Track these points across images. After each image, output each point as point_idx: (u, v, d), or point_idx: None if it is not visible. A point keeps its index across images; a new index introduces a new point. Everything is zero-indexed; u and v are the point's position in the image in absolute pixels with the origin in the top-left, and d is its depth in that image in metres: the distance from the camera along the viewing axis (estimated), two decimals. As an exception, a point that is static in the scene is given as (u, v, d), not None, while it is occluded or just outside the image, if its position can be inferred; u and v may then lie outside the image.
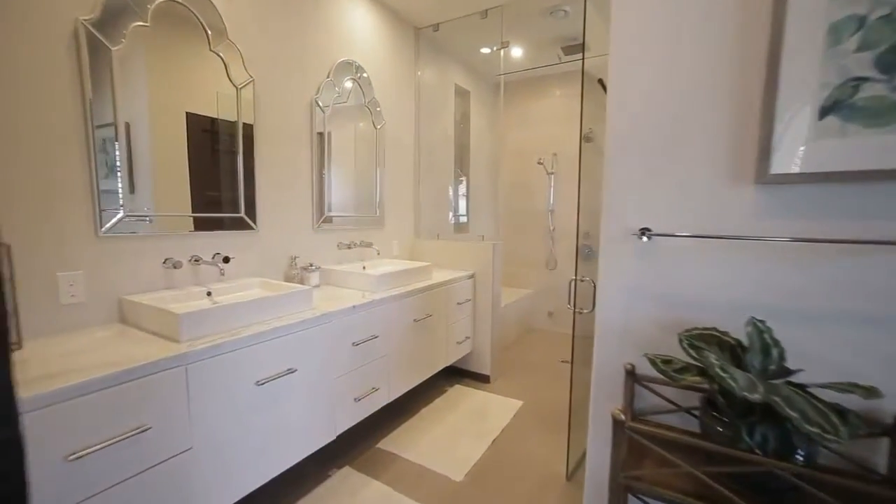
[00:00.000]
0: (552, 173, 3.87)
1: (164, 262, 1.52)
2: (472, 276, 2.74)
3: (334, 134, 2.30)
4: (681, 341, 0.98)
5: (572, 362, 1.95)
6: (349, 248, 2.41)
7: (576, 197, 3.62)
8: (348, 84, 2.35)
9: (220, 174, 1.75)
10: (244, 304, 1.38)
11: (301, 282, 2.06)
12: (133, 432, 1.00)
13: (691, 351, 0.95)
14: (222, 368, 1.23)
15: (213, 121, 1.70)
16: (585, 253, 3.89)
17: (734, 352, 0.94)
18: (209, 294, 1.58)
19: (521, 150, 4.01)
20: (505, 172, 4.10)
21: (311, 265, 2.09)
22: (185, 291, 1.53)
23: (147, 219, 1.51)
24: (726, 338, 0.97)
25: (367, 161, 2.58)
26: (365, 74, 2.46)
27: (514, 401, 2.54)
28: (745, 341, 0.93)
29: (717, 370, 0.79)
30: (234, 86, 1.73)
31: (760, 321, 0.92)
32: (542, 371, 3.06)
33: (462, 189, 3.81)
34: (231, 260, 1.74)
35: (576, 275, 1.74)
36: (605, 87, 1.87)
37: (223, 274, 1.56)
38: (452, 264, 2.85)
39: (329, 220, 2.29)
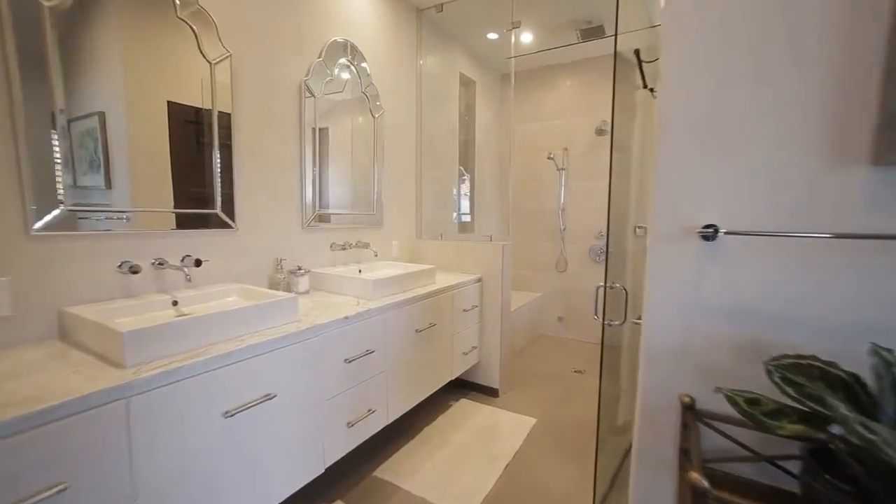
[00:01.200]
0: (562, 169, 3.63)
1: (119, 267, 1.28)
2: (479, 280, 2.50)
3: (327, 122, 2.07)
4: (769, 373, 0.74)
5: (600, 376, 1.70)
6: (343, 249, 2.17)
7: (589, 195, 3.38)
8: (343, 67, 2.11)
9: (204, 168, 1.52)
10: (212, 318, 1.14)
11: (288, 287, 1.82)
12: (40, 496, 0.76)
13: (787, 387, 0.71)
14: (179, 399, 0.99)
15: (197, 111, 1.50)
16: (597, 254, 3.65)
17: (849, 390, 0.70)
18: (175, 304, 1.34)
19: (529, 144, 3.77)
20: (512, 168, 3.86)
21: (300, 268, 1.85)
22: (144, 301, 1.29)
23: (125, 217, 1.32)
24: (834, 371, 0.73)
25: (364, 153, 2.34)
26: (361, 57, 2.22)
27: (527, 418, 2.30)
28: (865, 376, 0.69)
29: (857, 427, 0.55)
30: (207, 61, 1.49)
31: (887, 350, 0.68)
32: (555, 383, 2.81)
33: (466, 186, 3.57)
34: (204, 263, 1.50)
35: (605, 279, 1.49)
36: (640, 61, 1.62)
37: (189, 280, 1.32)
38: (457, 267, 2.60)
39: (321, 218, 2.05)
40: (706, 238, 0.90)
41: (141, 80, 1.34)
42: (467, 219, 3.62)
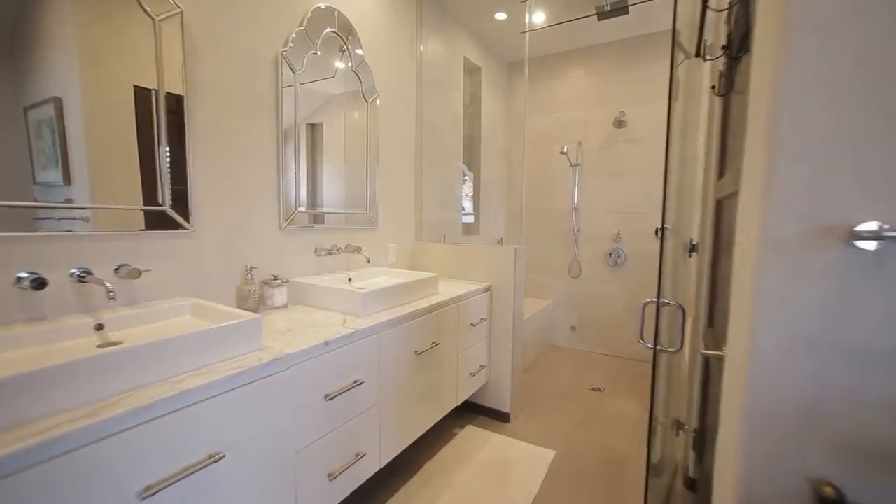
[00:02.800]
0: (576, 165, 3.31)
1: (16, 282, 0.96)
2: (487, 290, 2.18)
3: (310, 105, 1.76)
4: None
5: (650, 425, 1.38)
6: (331, 254, 1.85)
7: (606, 193, 3.06)
8: (329, 40, 1.80)
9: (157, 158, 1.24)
10: (133, 352, 0.83)
11: (260, 301, 1.50)
12: None
13: None
14: (68, 480, 0.68)
15: (178, 98, 1.27)
16: (616, 258, 3.33)
17: None
18: (100, 328, 1.03)
19: (540, 138, 3.46)
20: (519, 163, 3.54)
21: (276, 278, 1.54)
22: (55, 326, 0.98)
23: (83, 217, 1.09)
24: None
25: (355, 144, 2.03)
26: (351, 30, 1.91)
27: (544, 450, 1.97)
28: None
29: None
30: (150, 16, 1.18)
31: None
32: (572, 404, 2.49)
33: (470, 184, 3.26)
34: (147, 273, 1.19)
35: (658, 293, 1.18)
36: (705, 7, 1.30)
37: (112, 297, 1.00)
38: (463, 274, 2.29)
39: (303, 218, 1.73)
40: (860, 245, 0.58)
41: (98, 58, 1.12)
42: (469, 219, 3.31)
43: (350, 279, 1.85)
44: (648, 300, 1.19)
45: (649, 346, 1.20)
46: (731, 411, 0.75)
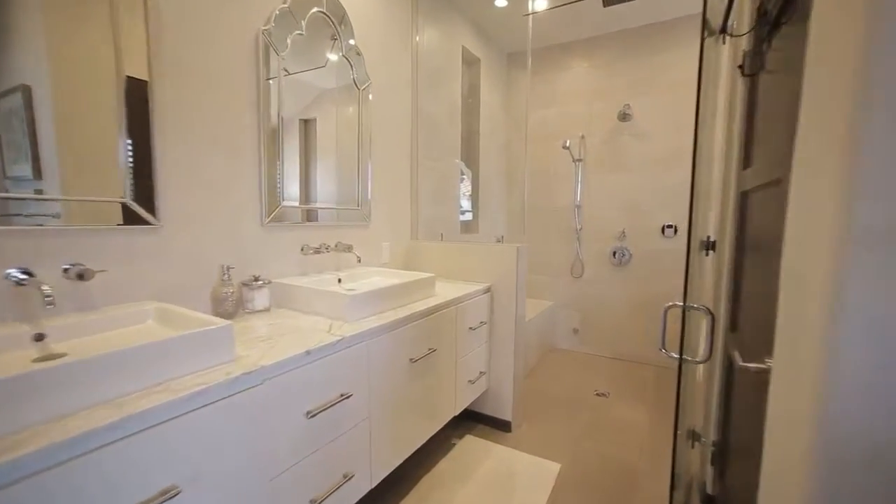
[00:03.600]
0: (579, 160, 3.18)
1: (-63, 284, 0.82)
2: (487, 291, 2.05)
3: (302, 99, 1.62)
4: None
5: (674, 446, 1.25)
6: (318, 252, 1.71)
7: (610, 189, 2.94)
8: (317, 21, 1.66)
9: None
10: (69, 368, 0.69)
11: (238, 304, 1.36)
12: None
13: None
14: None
15: (142, 83, 1.14)
16: (620, 257, 3.20)
17: None
18: (40, 339, 0.88)
19: (541, 132, 3.33)
20: (521, 159, 3.42)
21: (257, 279, 1.40)
22: (-13, 336, 0.84)
23: (54, 213, 1.00)
24: None
25: (346, 134, 1.89)
26: (341, 9, 1.77)
27: (549, 463, 1.84)
28: None
29: None
30: (105, -17, 1.04)
31: None
32: (577, 410, 2.36)
33: (469, 183, 3.12)
34: (105, 274, 1.05)
35: (685, 296, 1.04)
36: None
37: (50, 304, 0.86)
38: (461, 274, 2.15)
39: (288, 213, 1.59)
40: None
41: (66, 41, 1.02)
42: (468, 217, 3.17)
43: (340, 280, 1.71)
44: (671, 304, 1.06)
45: (673, 355, 1.07)
46: (789, 441, 0.61)
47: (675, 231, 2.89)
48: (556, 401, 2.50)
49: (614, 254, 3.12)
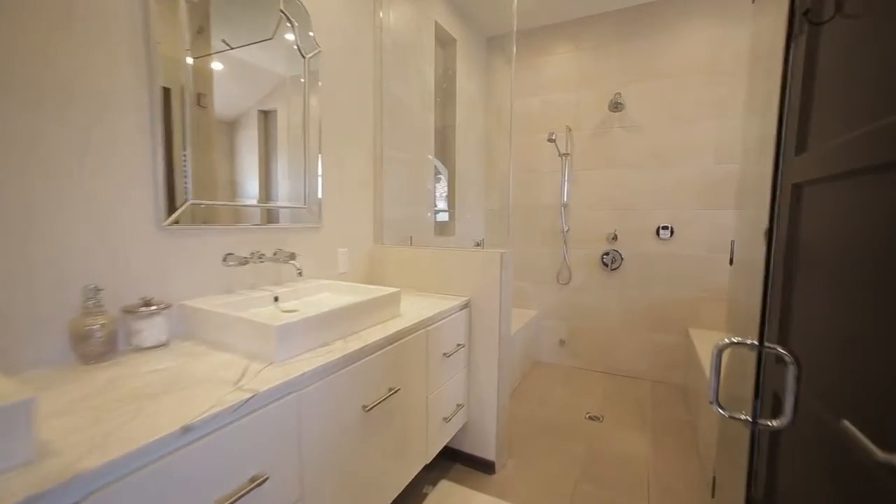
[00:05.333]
0: (565, 155, 2.88)
1: None
2: (465, 306, 1.70)
3: (245, 75, 1.23)
4: None
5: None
6: (245, 263, 1.32)
7: (599, 186, 2.66)
8: (242, -37, 1.27)
9: None
10: None
11: (111, 341, 0.96)
12: None
13: None
14: None
15: None
16: (611, 261, 2.90)
17: None
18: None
19: (524, 123, 3.02)
20: (503, 153, 3.10)
21: (149, 303, 1.01)
22: None
23: None
24: None
25: (289, 114, 1.51)
26: (278, -44, 1.39)
27: (542, 518, 1.51)
28: None
29: None
30: None
31: None
32: (568, 440, 2.05)
33: (445, 182, 2.78)
34: None
35: (762, 330, 0.72)
36: None
37: None
38: (434, 284, 1.80)
39: (201, 212, 1.20)
40: None
41: None
42: (443, 217, 2.82)
43: (276, 298, 1.33)
44: (730, 340, 0.73)
45: (740, 416, 0.75)
46: None
47: (671, 233, 2.62)
48: (545, 428, 2.17)
49: (604, 258, 2.83)
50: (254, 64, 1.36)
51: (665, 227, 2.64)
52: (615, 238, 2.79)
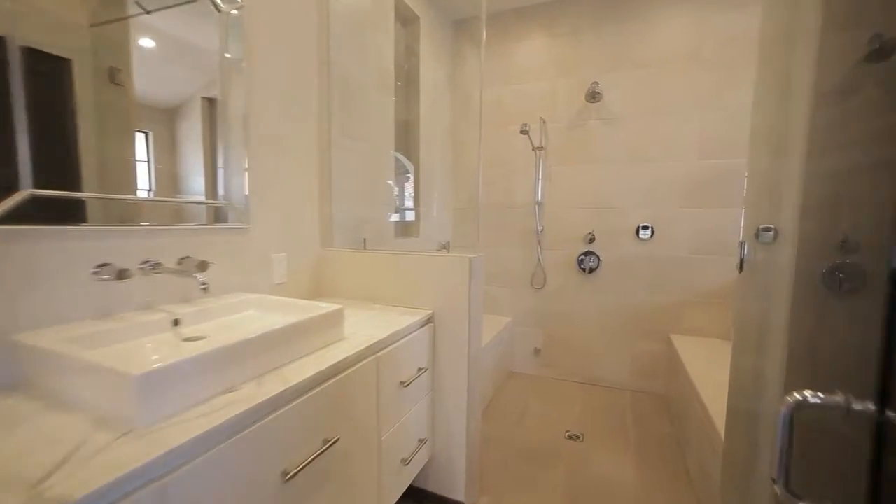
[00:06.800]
0: (540, 149, 2.66)
1: None
2: (428, 321, 1.43)
3: (175, 52, 0.91)
4: None
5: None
6: (126, 277, 0.98)
7: (575, 183, 2.46)
8: None
9: None
10: None
11: None
12: None
13: None
14: None
15: None
16: (587, 265, 2.68)
17: None
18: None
19: (495, 115, 2.78)
20: (472, 146, 2.84)
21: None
22: None
23: None
24: None
25: (193, 81, 1.18)
26: None
27: (521, 577, 1.26)
28: None
29: None
30: None
31: None
32: (547, 465, 1.82)
33: (411, 179, 2.50)
34: None
35: (883, 381, 0.47)
36: None
37: None
38: (393, 295, 1.52)
39: (57, 205, 0.86)
40: None
41: None
42: (410, 217, 2.54)
43: (177, 322, 1.01)
44: (805, 395, 0.49)
45: (785, 491, 0.51)
46: None
47: (652, 233, 2.45)
48: (521, 452, 1.93)
49: (581, 260, 2.63)
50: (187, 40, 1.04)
51: (645, 227, 2.46)
52: (593, 239, 2.60)
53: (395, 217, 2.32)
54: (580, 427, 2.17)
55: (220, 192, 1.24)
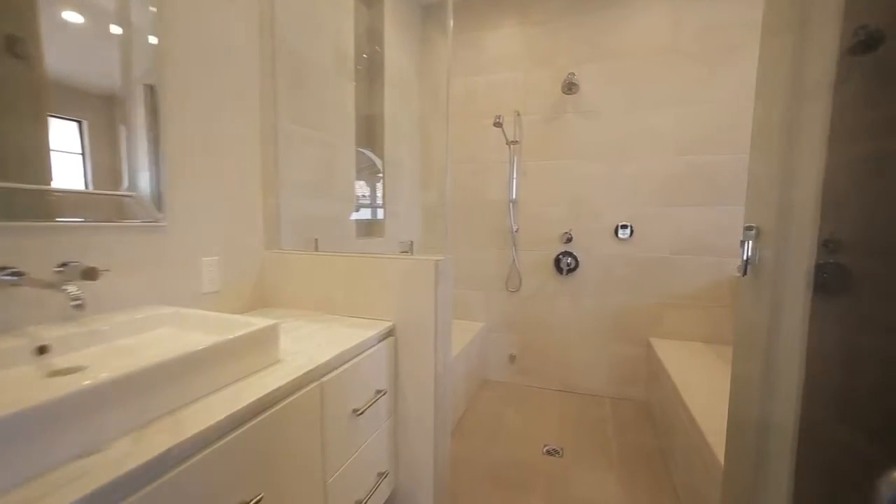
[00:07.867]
0: (514, 143, 2.51)
1: None
2: (389, 334, 1.23)
3: None
4: None
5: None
6: (-20, 291, 0.74)
7: (551, 180, 2.31)
8: None
9: None
10: None
11: None
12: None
13: None
14: None
15: None
16: (564, 266, 2.51)
17: None
18: None
19: (466, 107, 2.60)
20: (441, 139, 2.65)
21: None
22: None
23: None
24: None
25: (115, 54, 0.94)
26: None
27: None
28: None
29: None
30: None
31: None
32: (525, 487, 1.65)
33: (369, 160, 2.29)
34: None
35: None
36: None
37: None
38: (349, 305, 1.31)
39: None
40: None
41: None
42: (370, 215, 2.33)
43: (43, 349, 0.76)
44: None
45: None
46: None
47: (631, 232, 2.33)
48: (496, 472, 1.76)
49: (558, 261, 2.49)
50: None
51: (624, 226, 2.34)
52: (570, 239, 2.46)
53: (357, 215, 2.11)
54: (559, 440, 2.02)
55: (125, 182, 1.00)
